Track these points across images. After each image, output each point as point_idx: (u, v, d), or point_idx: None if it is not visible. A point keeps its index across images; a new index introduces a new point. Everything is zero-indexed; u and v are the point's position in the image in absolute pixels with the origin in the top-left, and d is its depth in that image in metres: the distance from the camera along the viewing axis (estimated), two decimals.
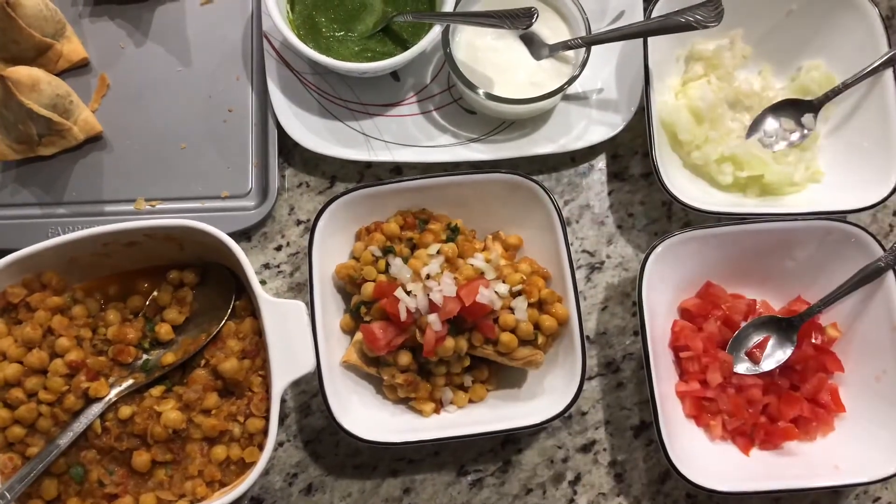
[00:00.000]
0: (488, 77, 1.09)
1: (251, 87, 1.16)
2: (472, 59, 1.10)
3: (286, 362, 0.90)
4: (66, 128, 1.09)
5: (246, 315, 1.00)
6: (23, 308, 0.96)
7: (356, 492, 1.04)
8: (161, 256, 1.01)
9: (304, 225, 1.13)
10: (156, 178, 1.13)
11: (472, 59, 1.10)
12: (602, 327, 1.11)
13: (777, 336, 1.04)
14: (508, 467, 1.06)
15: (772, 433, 1.01)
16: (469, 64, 1.09)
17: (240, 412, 0.95)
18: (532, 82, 1.09)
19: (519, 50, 1.11)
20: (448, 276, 0.98)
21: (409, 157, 1.12)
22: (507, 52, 1.10)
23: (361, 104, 1.15)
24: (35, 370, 0.93)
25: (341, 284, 1.05)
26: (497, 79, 1.09)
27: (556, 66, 1.10)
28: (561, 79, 1.08)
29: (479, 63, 1.09)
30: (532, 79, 1.09)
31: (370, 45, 1.11)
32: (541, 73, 1.09)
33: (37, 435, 0.93)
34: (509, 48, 1.11)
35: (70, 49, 1.15)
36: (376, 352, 0.98)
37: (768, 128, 1.11)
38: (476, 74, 1.08)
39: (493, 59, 1.10)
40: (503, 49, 1.10)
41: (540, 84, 1.08)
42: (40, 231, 1.09)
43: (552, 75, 1.09)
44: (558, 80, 1.08)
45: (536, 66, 1.10)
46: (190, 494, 0.93)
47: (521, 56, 1.10)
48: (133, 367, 0.97)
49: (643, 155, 1.17)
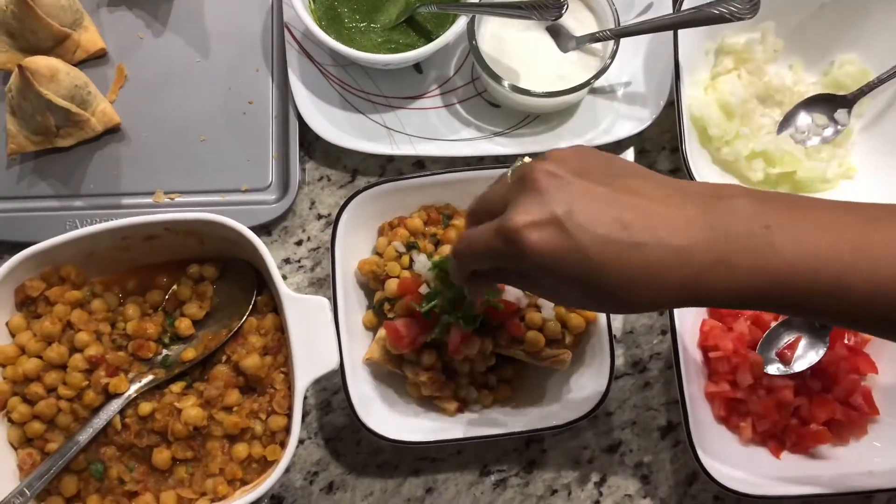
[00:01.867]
0: (514, 69, 1.07)
1: (272, 79, 1.14)
2: (498, 50, 1.07)
3: (309, 359, 0.89)
4: (84, 119, 1.07)
5: (267, 311, 0.98)
6: (42, 302, 0.95)
7: (378, 491, 1.03)
8: (181, 251, 0.99)
9: (326, 219, 1.12)
10: (175, 170, 1.11)
11: (498, 51, 1.07)
12: (629, 326, 1.09)
13: (809, 336, 1.02)
14: (533, 468, 1.04)
15: (803, 436, 0.99)
16: (494, 56, 1.06)
17: (262, 409, 0.93)
18: (559, 75, 1.06)
19: (546, 42, 1.08)
20: None
21: (432, 151, 1.10)
22: (533, 44, 1.08)
23: (384, 97, 1.13)
24: (54, 365, 0.92)
25: (364, 280, 1.03)
26: (523, 71, 1.07)
27: (584, 59, 1.08)
28: (588, 72, 1.06)
29: (505, 55, 1.07)
30: (559, 71, 1.06)
31: (393, 37, 1.09)
32: (568, 66, 1.07)
33: (56, 431, 0.92)
34: (536, 40, 1.08)
35: (88, 39, 1.13)
36: (400, 349, 0.96)
37: (800, 123, 1.09)
38: (501, 66, 1.06)
39: (519, 51, 1.07)
40: (529, 41, 1.08)
41: (567, 77, 1.06)
42: (58, 224, 1.07)
43: (579, 68, 1.07)
44: (586, 74, 1.05)
45: (563, 59, 1.07)
46: (211, 493, 0.92)
47: (547, 48, 1.08)
48: (153, 362, 0.96)
49: (671, 150, 1.15)
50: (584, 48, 1.08)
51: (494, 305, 0.94)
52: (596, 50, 1.08)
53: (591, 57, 1.08)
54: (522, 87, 1.03)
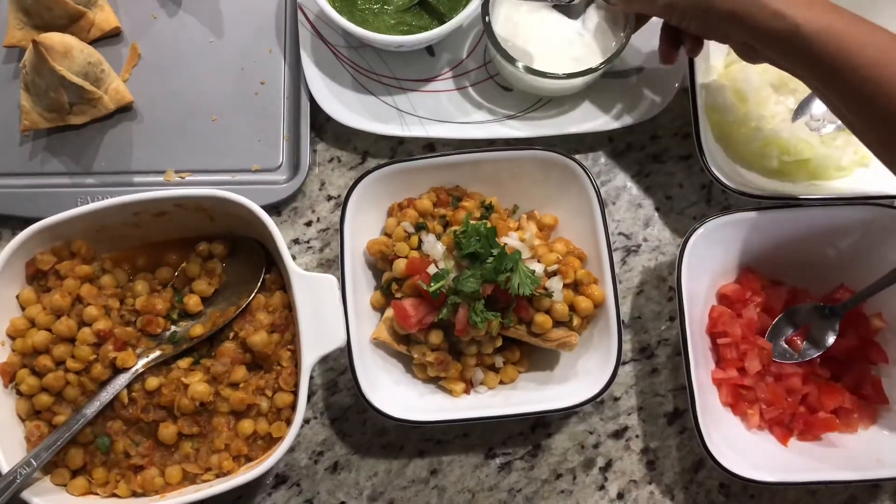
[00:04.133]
0: (528, 52, 1.06)
1: (284, 60, 1.14)
2: (512, 33, 1.06)
3: (317, 336, 0.89)
4: (97, 97, 1.08)
5: (276, 289, 0.98)
6: (52, 276, 0.95)
7: (382, 471, 1.03)
8: (190, 228, 1.00)
9: (335, 200, 1.12)
10: (186, 149, 1.11)
11: (512, 34, 1.06)
12: (637, 311, 1.08)
13: (819, 324, 1.01)
14: (538, 451, 1.04)
15: (811, 424, 0.99)
16: (508, 38, 1.06)
17: (268, 386, 0.94)
18: (573, 57, 1.05)
19: (559, 23, 1.07)
20: None
21: (443, 133, 1.10)
22: (547, 26, 1.07)
23: (395, 79, 1.13)
24: (63, 338, 0.93)
25: (372, 261, 1.03)
26: (537, 53, 1.06)
27: (600, 41, 1.06)
28: (603, 54, 1.05)
29: (519, 38, 1.06)
30: (573, 54, 1.06)
31: (406, 19, 1.09)
32: (582, 48, 1.06)
33: (64, 404, 0.93)
34: (549, 22, 1.07)
35: (102, 18, 1.14)
36: (407, 329, 0.96)
37: (815, 111, 1.08)
38: (516, 49, 1.05)
39: (533, 34, 1.07)
40: (543, 23, 1.07)
41: (581, 59, 1.05)
42: (69, 200, 1.08)
43: (594, 51, 1.06)
44: (600, 56, 1.05)
45: (578, 40, 1.06)
46: (216, 468, 0.92)
47: (562, 30, 1.07)
48: (161, 338, 0.96)
49: (683, 137, 1.14)
50: (600, 30, 1.06)
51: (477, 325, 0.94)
52: (611, 34, 1.07)
53: (606, 39, 1.07)
54: (537, 70, 1.03)
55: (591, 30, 1.06)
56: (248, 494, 1.02)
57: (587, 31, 1.07)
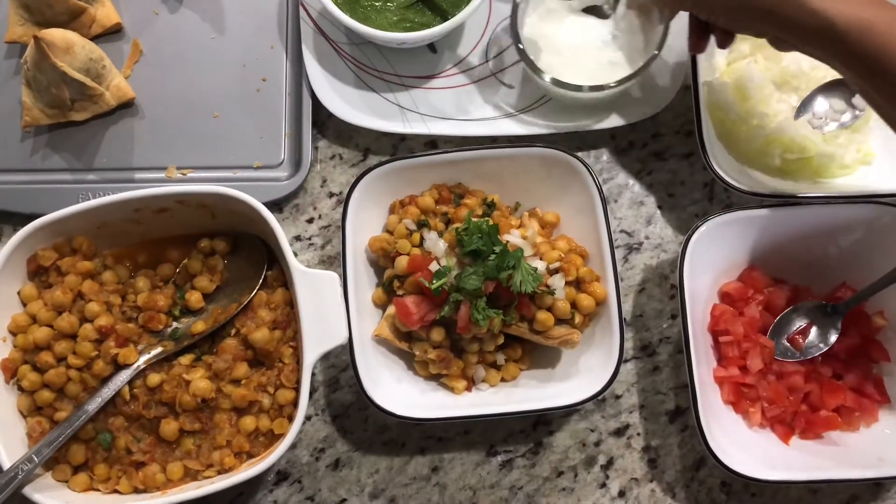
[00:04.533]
0: (562, 62, 1.05)
1: (286, 57, 1.14)
2: (543, 44, 1.06)
3: (318, 333, 0.89)
4: (99, 93, 1.08)
5: (278, 285, 0.98)
6: (53, 272, 0.95)
7: (384, 468, 1.03)
8: (192, 224, 1.00)
9: (337, 197, 1.12)
10: (187, 146, 1.11)
11: (543, 44, 1.06)
12: (639, 309, 1.08)
13: (821, 323, 1.01)
14: (539, 449, 1.04)
15: (813, 422, 0.99)
16: (540, 49, 1.05)
17: (270, 383, 0.93)
18: (611, 61, 1.05)
19: (591, 28, 1.06)
20: None
21: (445, 130, 1.10)
22: (578, 31, 1.06)
23: (397, 76, 1.12)
24: (65, 334, 0.93)
25: (374, 258, 1.03)
26: (572, 63, 1.05)
27: (634, 40, 1.05)
28: (641, 54, 1.04)
29: (551, 47, 1.06)
30: (610, 57, 1.05)
31: (408, 16, 1.09)
32: (617, 50, 1.05)
33: (65, 400, 0.93)
34: (580, 27, 1.06)
35: (104, 14, 1.13)
36: (409, 326, 0.96)
37: (818, 109, 1.07)
38: (548, 61, 1.05)
39: (565, 42, 1.06)
40: (573, 29, 1.06)
41: (618, 62, 1.05)
42: (71, 196, 1.08)
43: (630, 51, 1.05)
44: (639, 55, 1.04)
45: (613, 43, 1.06)
46: (217, 464, 0.92)
47: (594, 34, 1.06)
48: (162, 334, 0.96)
49: (685, 135, 1.14)
50: (631, 29, 1.05)
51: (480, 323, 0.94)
52: (642, 29, 1.05)
53: (639, 37, 1.05)
54: (572, 84, 1.02)
55: (623, 29, 1.06)
56: (250, 491, 1.02)
57: (620, 31, 1.06)
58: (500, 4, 1.15)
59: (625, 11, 1.05)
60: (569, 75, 1.03)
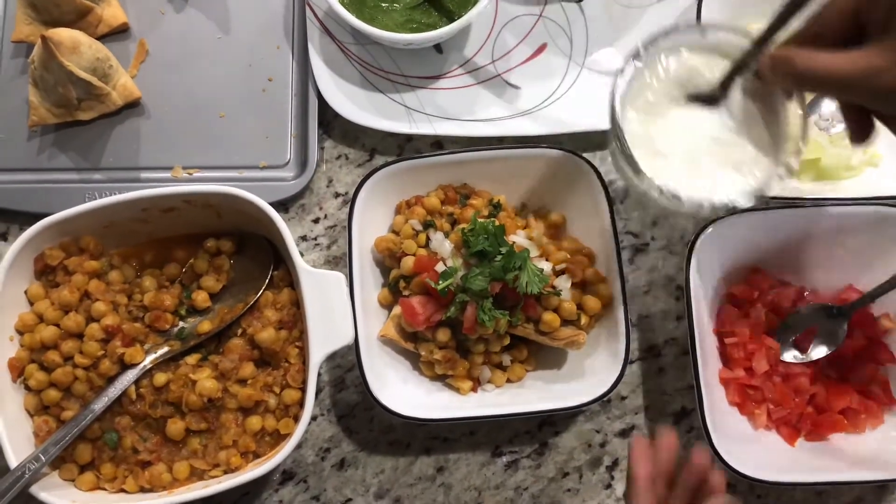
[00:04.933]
0: (667, 167, 0.83)
1: (292, 57, 1.14)
2: (645, 147, 0.83)
3: (325, 333, 0.89)
4: (105, 92, 1.08)
5: (284, 285, 0.98)
6: (60, 271, 0.96)
7: (389, 468, 1.03)
8: (198, 224, 1.00)
9: (343, 198, 1.12)
10: (194, 146, 1.11)
11: (645, 148, 0.83)
12: (645, 311, 1.08)
13: (827, 325, 1.01)
14: (545, 450, 1.04)
15: (819, 424, 0.99)
16: (643, 151, 0.82)
17: (276, 383, 0.94)
18: (733, 161, 0.83)
19: (700, 120, 0.83)
20: None
21: (451, 131, 1.10)
22: (684, 128, 0.83)
23: (404, 76, 1.13)
24: (71, 334, 0.93)
25: (380, 258, 1.03)
26: (681, 168, 0.83)
27: (755, 130, 0.83)
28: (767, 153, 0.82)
29: (655, 150, 0.83)
30: (730, 156, 0.83)
31: (415, 16, 1.09)
32: (735, 147, 0.83)
33: (72, 399, 0.93)
34: (686, 122, 0.84)
35: (110, 13, 1.13)
36: (415, 327, 0.96)
37: (824, 110, 1.07)
38: (655, 166, 0.82)
39: (672, 140, 0.83)
40: (679, 124, 0.84)
41: (740, 160, 0.83)
42: (77, 196, 1.08)
43: (751, 144, 0.83)
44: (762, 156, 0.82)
45: (728, 137, 0.83)
46: (224, 464, 0.92)
47: (704, 127, 0.83)
48: (169, 334, 0.96)
49: None
50: (748, 117, 0.83)
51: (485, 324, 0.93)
52: (762, 116, 0.83)
53: (762, 126, 0.83)
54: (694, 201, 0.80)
55: (739, 118, 0.83)
56: (255, 490, 1.02)
57: (735, 120, 0.83)
58: (507, 5, 1.15)
59: (741, 99, 0.83)
60: (682, 182, 0.81)
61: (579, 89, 1.12)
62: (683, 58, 0.84)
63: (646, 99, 0.84)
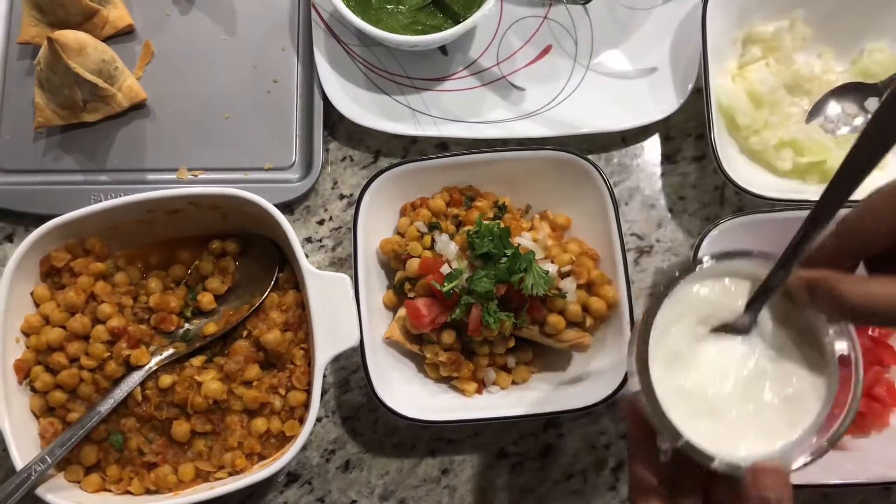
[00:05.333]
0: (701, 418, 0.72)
1: (297, 58, 1.14)
2: (676, 399, 0.72)
3: (330, 335, 0.89)
4: (111, 94, 1.08)
5: (289, 287, 0.98)
6: (66, 273, 0.96)
7: (394, 470, 1.03)
8: (204, 226, 1.00)
9: (348, 199, 1.12)
10: (199, 147, 1.11)
11: (675, 401, 0.72)
12: None
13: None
14: (549, 451, 1.04)
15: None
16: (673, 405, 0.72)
17: (281, 385, 0.94)
18: (768, 404, 0.73)
19: (728, 351, 0.74)
20: None
21: (456, 133, 1.10)
22: (713, 360, 0.74)
23: (409, 78, 1.13)
24: (77, 335, 0.93)
25: (385, 260, 1.03)
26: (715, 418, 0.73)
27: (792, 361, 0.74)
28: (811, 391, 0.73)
29: (686, 403, 0.73)
30: (763, 396, 0.73)
31: (420, 18, 1.09)
32: (768, 383, 0.73)
33: (78, 401, 0.93)
34: (715, 354, 0.74)
35: (116, 15, 1.14)
36: (420, 329, 0.96)
37: (830, 112, 1.07)
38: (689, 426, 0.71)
39: (704, 394, 0.73)
40: (707, 358, 0.74)
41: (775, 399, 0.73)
42: (83, 197, 1.08)
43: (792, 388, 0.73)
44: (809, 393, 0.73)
45: (759, 372, 0.73)
46: (229, 466, 0.92)
47: (733, 360, 0.74)
48: (174, 336, 0.97)
49: (696, 137, 1.14)
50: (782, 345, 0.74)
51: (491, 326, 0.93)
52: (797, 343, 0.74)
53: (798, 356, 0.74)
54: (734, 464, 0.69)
55: (773, 344, 0.73)
56: (260, 492, 1.02)
57: (770, 348, 0.74)
58: (512, 7, 1.15)
59: (770, 322, 0.74)
60: (719, 434, 0.71)
61: (584, 91, 1.12)
62: (696, 292, 0.74)
63: (669, 350, 0.74)
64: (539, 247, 0.98)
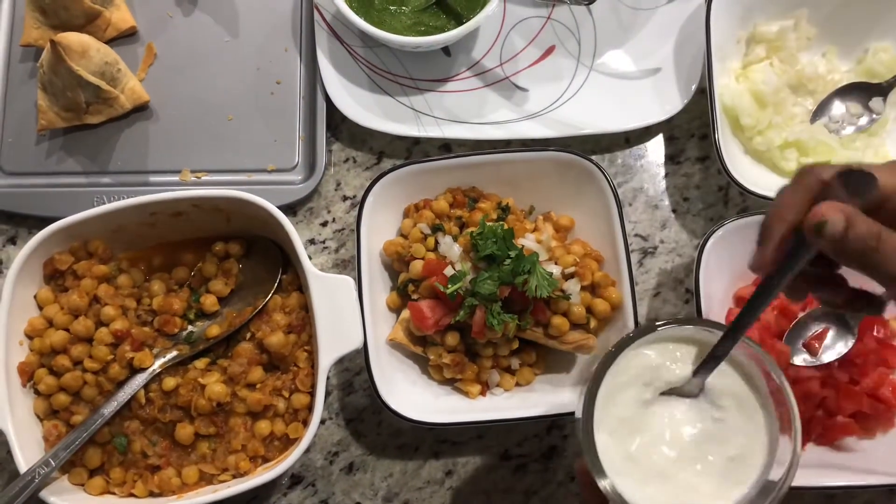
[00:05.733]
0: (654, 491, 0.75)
1: (300, 60, 1.14)
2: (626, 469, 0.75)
3: (334, 337, 0.89)
4: (114, 96, 1.08)
5: (292, 289, 0.98)
6: (69, 275, 0.96)
7: (398, 472, 1.03)
8: (207, 228, 1.00)
9: (351, 201, 1.12)
10: (202, 149, 1.11)
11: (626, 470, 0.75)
12: (654, 313, 1.08)
13: (837, 328, 1.01)
14: (553, 453, 1.03)
15: (829, 428, 0.98)
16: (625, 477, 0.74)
17: (284, 387, 0.94)
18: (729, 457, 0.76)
19: (679, 416, 0.77)
20: None
21: (459, 134, 1.09)
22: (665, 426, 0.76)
23: (412, 79, 1.12)
24: (81, 338, 0.93)
25: (388, 262, 1.03)
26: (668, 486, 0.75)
27: (750, 425, 0.77)
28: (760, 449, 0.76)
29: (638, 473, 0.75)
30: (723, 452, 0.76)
31: (423, 19, 1.09)
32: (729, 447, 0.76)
33: (81, 403, 0.93)
34: (667, 420, 0.77)
35: (119, 17, 1.14)
36: (424, 331, 0.96)
37: (835, 112, 1.07)
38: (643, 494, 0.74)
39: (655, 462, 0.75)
40: (658, 425, 0.76)
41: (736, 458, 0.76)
42: (86, 200, 1.08)
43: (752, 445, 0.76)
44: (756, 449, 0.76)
45: (719, 435, 0.76)
46: (233, 468, 0.92)
47: (686, 424, 0.77)
48: (178, 338, 0.97)
49: (700, 138, 1.13)
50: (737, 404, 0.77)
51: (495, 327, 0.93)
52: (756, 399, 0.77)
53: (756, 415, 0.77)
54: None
55: (726, 404, 0.77)
56: (264, 494, 1.02)
57: (722, 406, 0.77)
58: (515, 7, 1.15)
59: (722, 379, 0.77)
60: (669, 498, 0.74)
61: (588, 92, 1.12)
62: (643, 357, 0.77)
63: (616, 417, 0.76)
64: (543, 248, 0.98)
